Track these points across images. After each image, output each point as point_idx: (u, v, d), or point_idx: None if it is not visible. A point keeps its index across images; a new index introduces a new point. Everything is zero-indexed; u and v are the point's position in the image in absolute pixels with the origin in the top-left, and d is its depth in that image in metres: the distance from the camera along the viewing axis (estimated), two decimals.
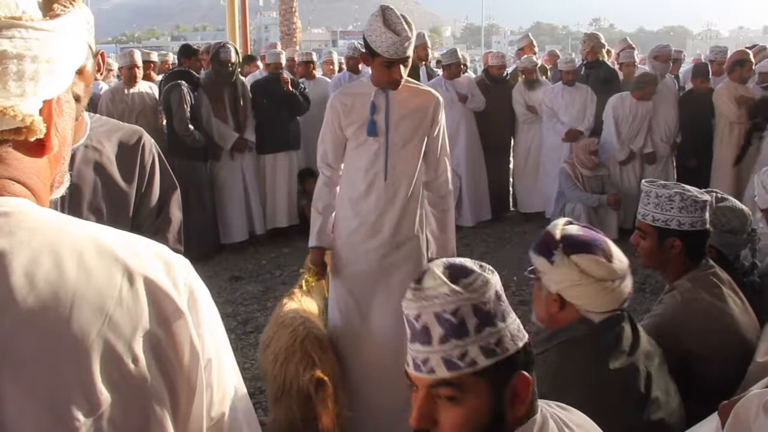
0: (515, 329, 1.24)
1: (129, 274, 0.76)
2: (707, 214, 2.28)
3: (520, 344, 1.23)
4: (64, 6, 0.79)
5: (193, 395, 0.80)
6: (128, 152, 1.87)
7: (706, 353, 2.13)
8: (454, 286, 1.20)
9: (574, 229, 1.86)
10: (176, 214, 1.98)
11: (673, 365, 1.98)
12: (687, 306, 2.21)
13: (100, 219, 1.81)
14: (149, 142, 1.93)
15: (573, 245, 1.80)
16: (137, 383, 0.74)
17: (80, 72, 1.50)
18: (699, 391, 2.01)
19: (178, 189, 2.02)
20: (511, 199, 7.75)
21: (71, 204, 1.75)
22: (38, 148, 0.81)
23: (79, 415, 0.70)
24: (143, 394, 0.74)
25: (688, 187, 2.31)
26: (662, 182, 2.35)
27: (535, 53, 7.88)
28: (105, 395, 0.71)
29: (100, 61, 1.65)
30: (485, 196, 7.27)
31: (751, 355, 2.18)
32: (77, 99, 1.51)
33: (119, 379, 0.72)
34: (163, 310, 0.77)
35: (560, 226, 1.86)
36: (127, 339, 0.73)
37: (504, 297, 1.26)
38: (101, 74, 1.71)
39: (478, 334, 1.18)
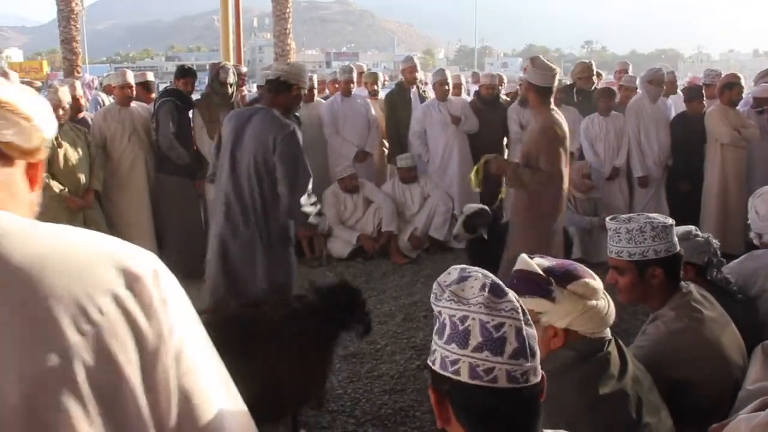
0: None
1: (98, 251, 0.93)
2: (675, 237, 2.32)
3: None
4: None
5: (160, 350, 0.92)
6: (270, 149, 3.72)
7: (693, 380, 2.13)
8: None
9: (546, 263, 1.83)
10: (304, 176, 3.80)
11: (661, 394, 1.97)
12: (671, 336, 2.21)
13: (258, 175, 3.78)
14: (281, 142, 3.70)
15: (562, 277, 1.77)
16: (104, 331, 0.87)
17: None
18: (689, 415, 2.00)
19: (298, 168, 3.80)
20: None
21: (240, 162, 3.75)
22: (35, 180, 1.02)
23: (53, 357, 0.83)
24: (111, 343, 0.88)
25: (651, 215, 2.34)
26: (625, 216, 2.37)
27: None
28: (75, 339, 0.85)
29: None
30: None
31: (736, 374, 2.19)
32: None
33: (88, 328, 0.86)
34: (128, 276, 0.92)
35: (532, 264, 1.80)
36: (94, 296, 0.88)
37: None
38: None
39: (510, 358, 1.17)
